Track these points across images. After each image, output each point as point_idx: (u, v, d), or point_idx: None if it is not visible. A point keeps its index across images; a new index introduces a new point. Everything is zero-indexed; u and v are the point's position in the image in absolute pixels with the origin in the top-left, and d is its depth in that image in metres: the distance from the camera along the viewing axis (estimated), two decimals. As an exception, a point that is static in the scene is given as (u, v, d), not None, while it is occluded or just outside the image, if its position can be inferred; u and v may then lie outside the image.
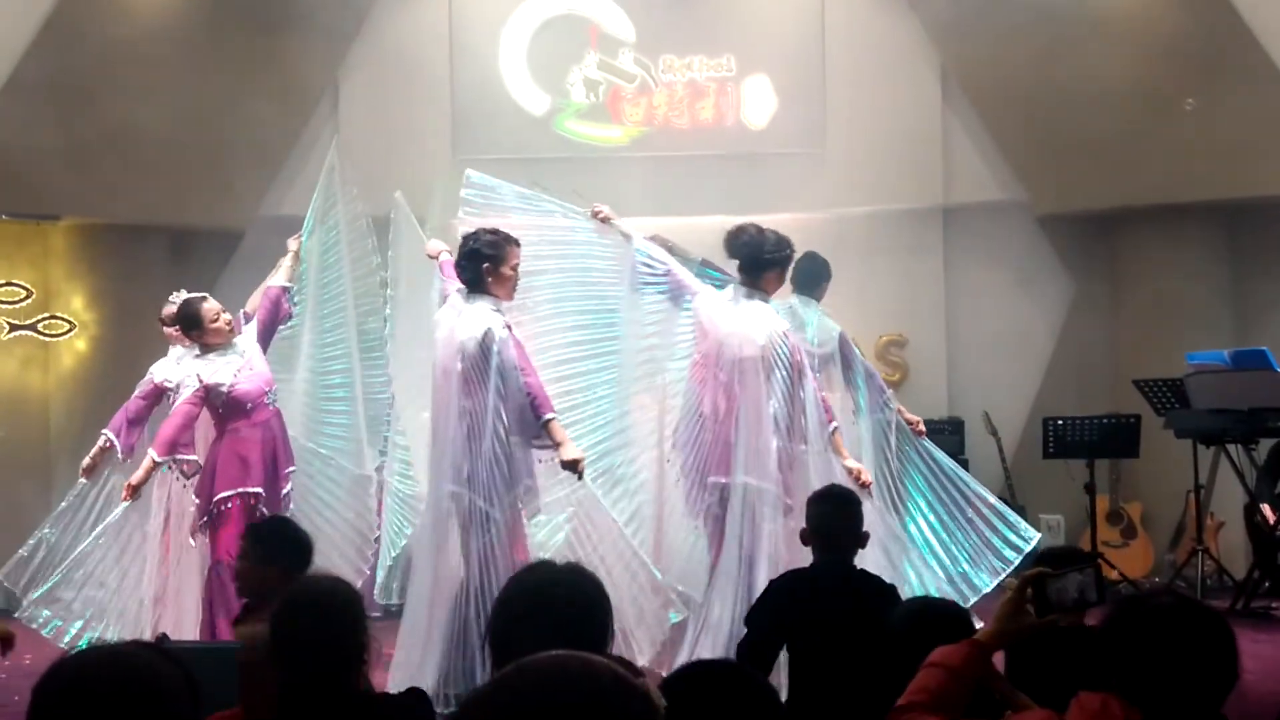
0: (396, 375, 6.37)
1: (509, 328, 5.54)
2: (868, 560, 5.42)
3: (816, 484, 5.37)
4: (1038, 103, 9.13)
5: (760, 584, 5.13)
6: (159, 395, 6.63)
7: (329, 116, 9.76)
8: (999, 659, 2.86)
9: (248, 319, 6.63)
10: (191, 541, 6.16)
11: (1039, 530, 9.23)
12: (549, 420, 5.45)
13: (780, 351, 5.74)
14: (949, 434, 9.22)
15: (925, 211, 9.67)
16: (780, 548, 5.58)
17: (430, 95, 9.64)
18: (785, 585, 4.45)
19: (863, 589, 4.38)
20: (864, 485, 5.77)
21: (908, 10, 9.69)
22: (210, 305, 6.38)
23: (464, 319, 5.57)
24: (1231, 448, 7.98)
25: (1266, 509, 7.83)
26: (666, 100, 9.76)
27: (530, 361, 5.58)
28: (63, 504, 6.65)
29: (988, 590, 6.08)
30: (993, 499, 6.42)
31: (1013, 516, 6.38)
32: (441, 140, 9.54)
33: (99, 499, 6.59)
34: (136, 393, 6.70)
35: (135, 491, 5.99)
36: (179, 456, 6.24)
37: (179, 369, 6.58)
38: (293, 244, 6.76)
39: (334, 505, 6.54)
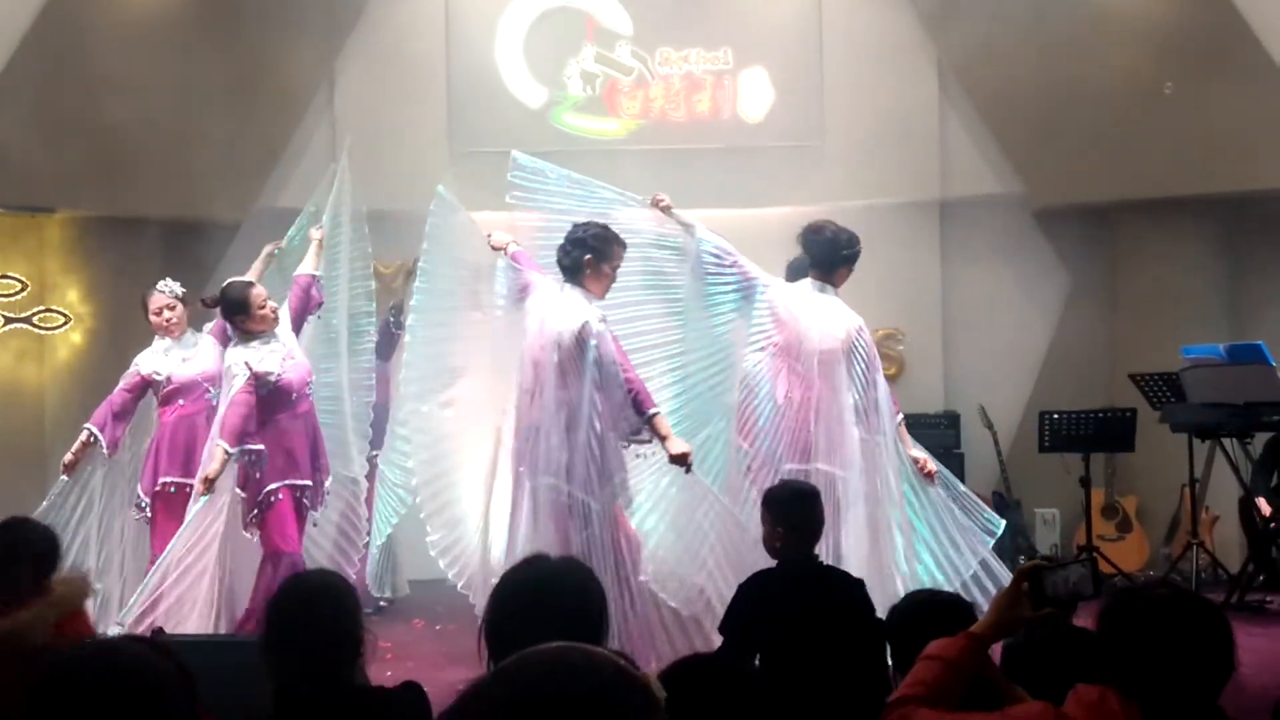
0: (411, 365, 6.20)
1: (604, 320, 5.61)
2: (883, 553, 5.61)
3: (890, 473, 5.69)
4: (1035, 96, 9.12)
5: (849, 569, 5.14)
6: (144, 388, 6.57)
7: (325, 109, 9.74)
8: (995, 656, 2.86)
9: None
10: (246, 535, 6.03)
11: (1036, 524, 9.35)
12: (654, 415, 5.55)
13: (858, 344, 5.93)
14: (945, 428, 9.22)
15: (922, 205, 9.66)
16: (863, 534, 5.70)
17: (426, 88, 9.62)
18: (755, 586, 4.40)
19: (831, 582, 4.38)
20: (929, 475, 5.93)
21: (905, 3, 9.68)
22: (259, 290, 6.20)
23: (557, 310, 5.62)
24: (1227, 442, 7.98)
25: (1261, 503, 7.84)
26: (663, 93, 9.74)
27: (627, 356, 5.67)
28: (43, 504, 6.41)
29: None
30: (961, 487, 6.31)
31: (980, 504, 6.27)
32: (437, 133, 9.52)
33: (82, 496, 6.48)
34: (120, 385, 6.59)
35: (210, 485, 5.80)
36: (247, 446, 5.99)
37: (166, 360, 6.54)
38: (315, 233, 6.72)
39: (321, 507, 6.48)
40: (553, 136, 9.53)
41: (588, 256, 5.65)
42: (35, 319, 9.13)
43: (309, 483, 6.12)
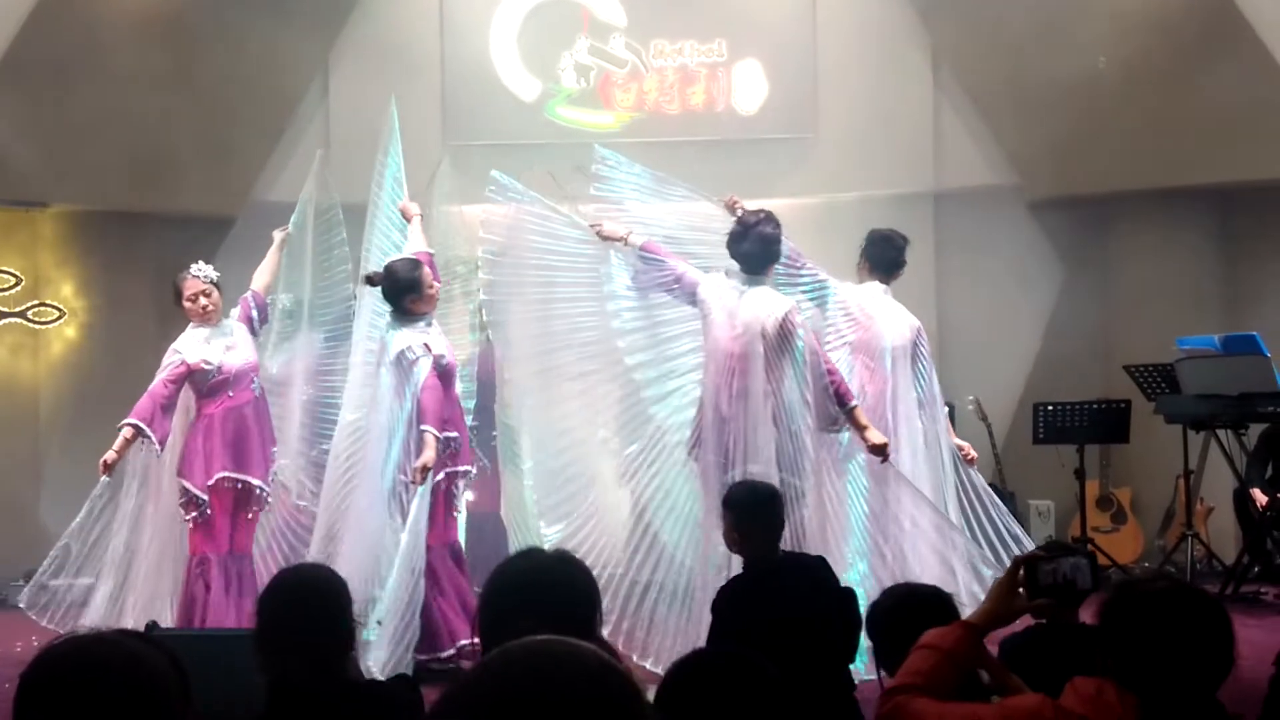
0: (517, 362, 6.17)
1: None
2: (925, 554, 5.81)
3: (947, 457, 6.10)
4: (1029, 88, 9.12)
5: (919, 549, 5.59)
6: (187, 378, 6.21)
7: (319, 102, 9.73)
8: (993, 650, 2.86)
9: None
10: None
11: (1030, 516, 9.35)
12: (854, 407, 5.70)
13: (921, 342, 6.34)
14: (940, 420, 9.22)
15: (916, 197, 9.65)
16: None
17: (421, 81, 9.59)
18: (726, 596, 4.41)
19: (792, 568, 4.39)
20: (970, 461, 6.17)
21: (899, -5, 9.67)
22: (427, 270, 6.04)
23: (750, 301, 5.71)
24: (1221, 433, 7.99)
25: (1256, 494, 7.85)
26: (657, 85, 9.73)
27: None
28: (82, 512, 6.20)
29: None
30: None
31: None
32: (432, 126, 9.49)
33: (128, 493, 6.20)
34: (164, 376, 6.15)
35: (427, 473, 5.68)
36: (447, 434, 5.86)
37: (211, 349, 6.21)
38: (413, 208, 6.58)
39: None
40: (547, 129, 9.52)
41: (776, 247, 5.86)
42: (29, 314, 9.11)
43: (471, 469, 6.16)
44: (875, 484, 5.97)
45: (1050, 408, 8.39)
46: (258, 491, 6.20)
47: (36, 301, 9.13)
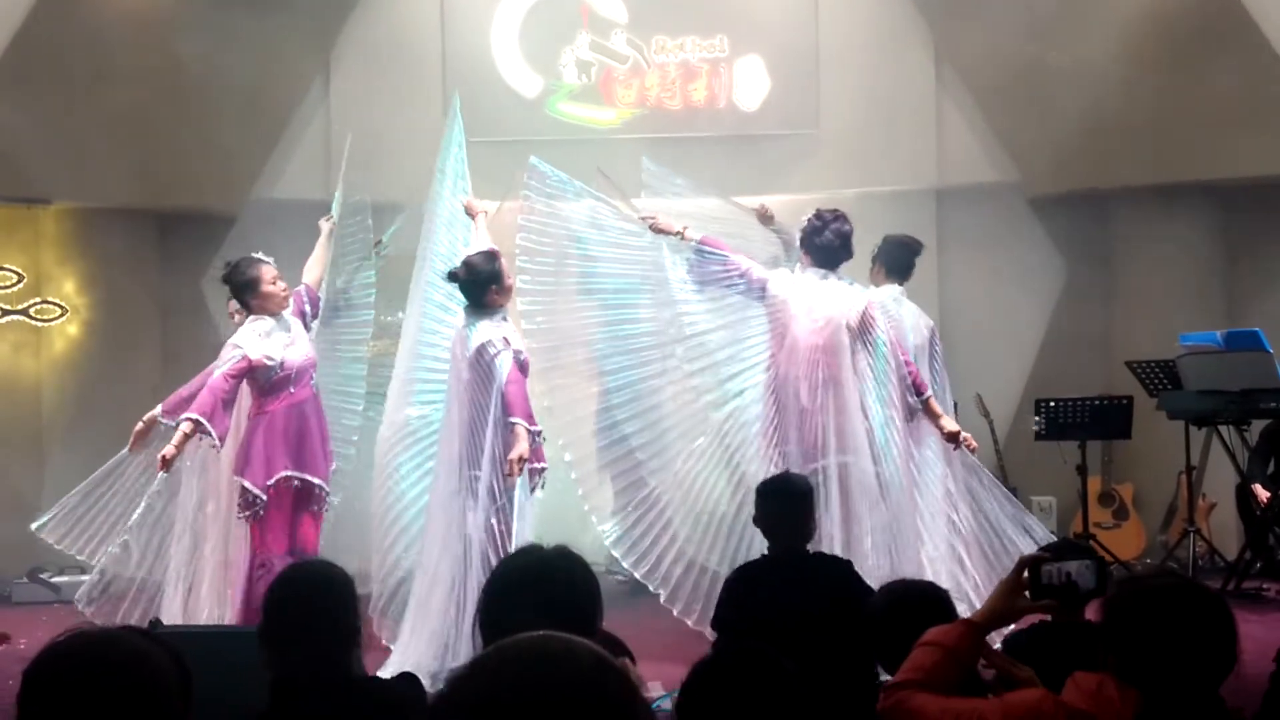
0: (556, 351, 6.17)
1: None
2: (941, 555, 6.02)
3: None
4: (1031, 84, 9.11)
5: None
6: (248, 374, 6.01)
7: (320, 99, 9.73)
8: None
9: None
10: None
11: (1032, 512, 9.34)
12: (928, 397, 6.01)
13: (935, 340, 6.88)
14: (942, 416, 9.23)
15: (918, 193, 9.65)
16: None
17: (422, 77, 9.60)
18: (739, 579, 4.46)
19: (816, 566, 4.40)
20: (972, 450, 6.22)
21: (901, -9, 9.67)
22: (505, 263, 5.95)
23: (829, 294, 5.94)
24: (1224, 429, 7.99)
25: (1258, 489, 7.85)
26: (659, 82, 9.72)
27: None
28: (136, 513, 6.03)
29: None
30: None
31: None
32: (433, 122, 9.47)
33: (189, 489, 6.11)
34: (225, 370, 5.90)
35: (521, 467, 5.57)
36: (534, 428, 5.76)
37: (271, 344, 6.02)
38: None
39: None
40: (548, 125, 9.51)
41: (852, 242, 6.09)
42: (31, 311, 9.11)
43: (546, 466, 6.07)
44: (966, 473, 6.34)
45: (1052, 404, 8.39)
46: (318, 490, 6.06)
47: (38, 299, 9.13)
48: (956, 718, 2.47)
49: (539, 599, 2.44)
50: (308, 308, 6.35)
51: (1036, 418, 8.38)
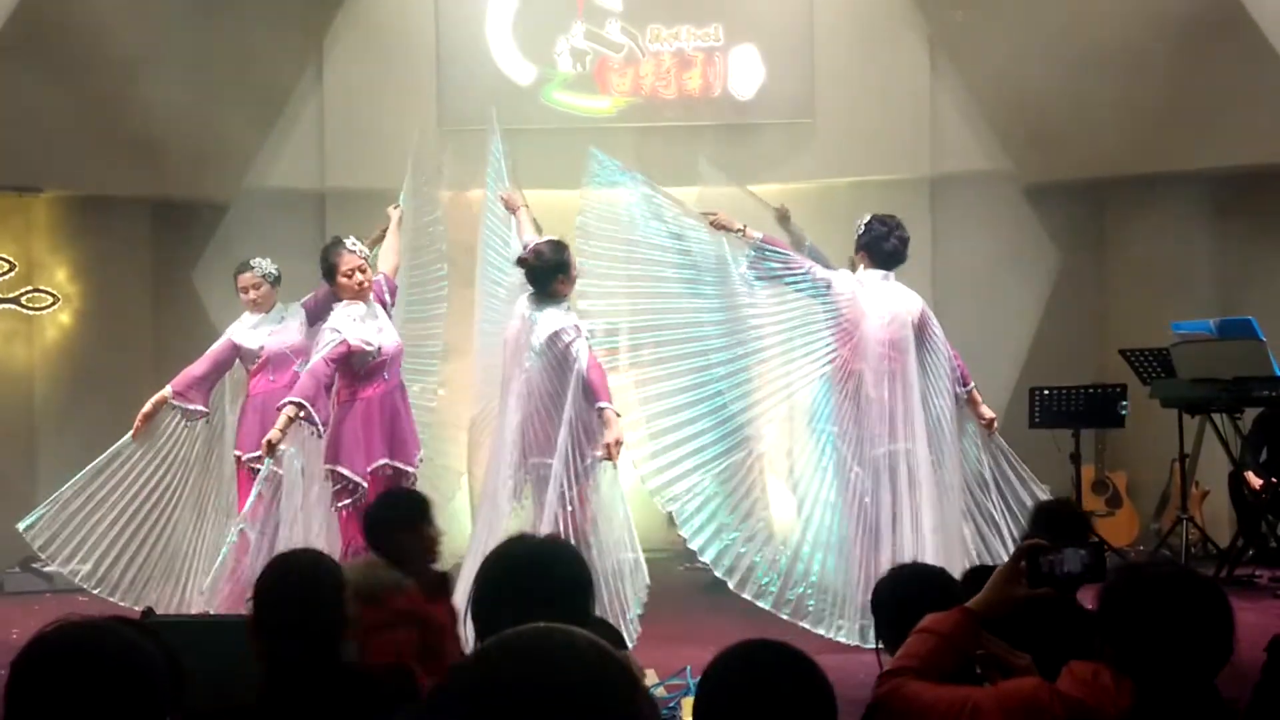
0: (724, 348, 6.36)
1: None
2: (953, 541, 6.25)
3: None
4: (1025, 73, 9.08)
5: None
6: (346, 359, 5.92)
7: (313, 87, 9.70)
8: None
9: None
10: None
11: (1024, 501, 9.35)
12: (972, 389, 6.50)
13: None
14: (936, 404, 9.23)
15: (912, 182, 9.64)
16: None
17: (416, 65, 9.57)
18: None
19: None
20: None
21: (895, -21, 9.65)
22: (571, 252, 5.96)
23: (892, 294, 6.37)
24: (1216, 417, 8.00)
25: (1251, 477, 7.86)
26: (653, 70, 9.70)
27: None
28: (251, 496, 5.89)
29: None
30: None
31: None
32: (426, 111, 9.47)
33: (295, 477, 5.94)
34: (324, 355, 5.82)
35: (619, 449, 5.63)
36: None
37: (364, 329, 5.96)
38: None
39: None
40: (543, 114, 9.49)
41: (906, 250, 6.51)
42: (23, 299, 9.08)
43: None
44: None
45: (1046, 392, 8.40)
46: (409, 478, 6.01)
47: (30, 287, 9.09)
48: (950, 706, 2.47)
49: (531, 589, 2.43)
50: (387, 296, 6.32)
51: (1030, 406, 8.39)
